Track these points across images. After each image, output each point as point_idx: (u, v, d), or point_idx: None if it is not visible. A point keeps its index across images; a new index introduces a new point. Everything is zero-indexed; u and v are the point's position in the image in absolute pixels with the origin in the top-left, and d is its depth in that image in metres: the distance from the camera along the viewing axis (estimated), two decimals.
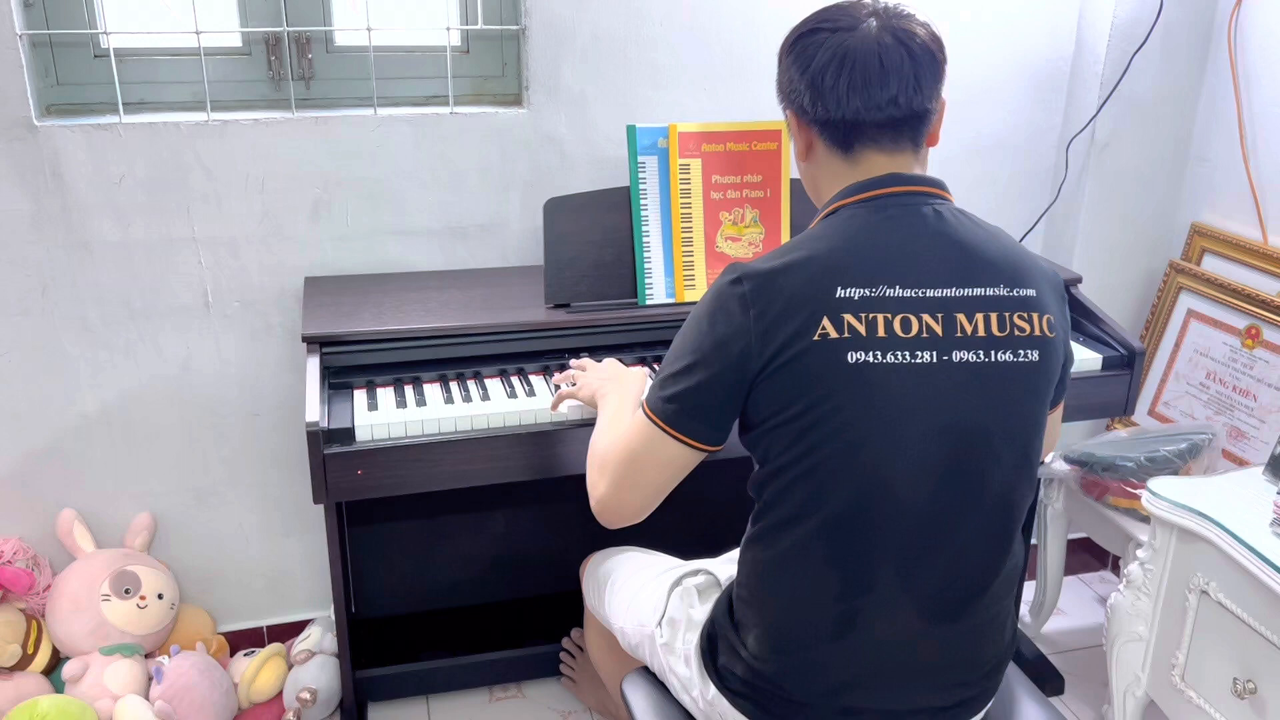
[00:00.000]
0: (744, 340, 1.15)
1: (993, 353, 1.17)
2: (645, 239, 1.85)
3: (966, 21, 2.15)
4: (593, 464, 1.33)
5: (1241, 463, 2.10)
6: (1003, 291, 1.19)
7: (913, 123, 1.20)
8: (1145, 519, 1.90)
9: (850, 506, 1.16)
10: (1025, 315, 1.19)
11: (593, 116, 2.02)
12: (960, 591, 1.22)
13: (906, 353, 1.14)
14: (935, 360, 1.15)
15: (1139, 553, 1.77)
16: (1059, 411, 1.40)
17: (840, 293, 1.14)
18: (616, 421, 1.37)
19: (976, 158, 2.27)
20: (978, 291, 1.18)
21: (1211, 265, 2.22)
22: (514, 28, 1.99)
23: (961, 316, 1.16)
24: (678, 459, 1.24)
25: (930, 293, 1.16)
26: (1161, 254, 2.35)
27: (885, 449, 1.15)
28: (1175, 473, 1.95)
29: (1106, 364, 1.89)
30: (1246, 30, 2.11)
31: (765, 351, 1.15)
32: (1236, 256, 2.16)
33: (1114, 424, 2.36)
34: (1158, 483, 1.71)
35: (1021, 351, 1.18)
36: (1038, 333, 1.19)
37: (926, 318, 1.15)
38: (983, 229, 1.23)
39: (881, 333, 1.14)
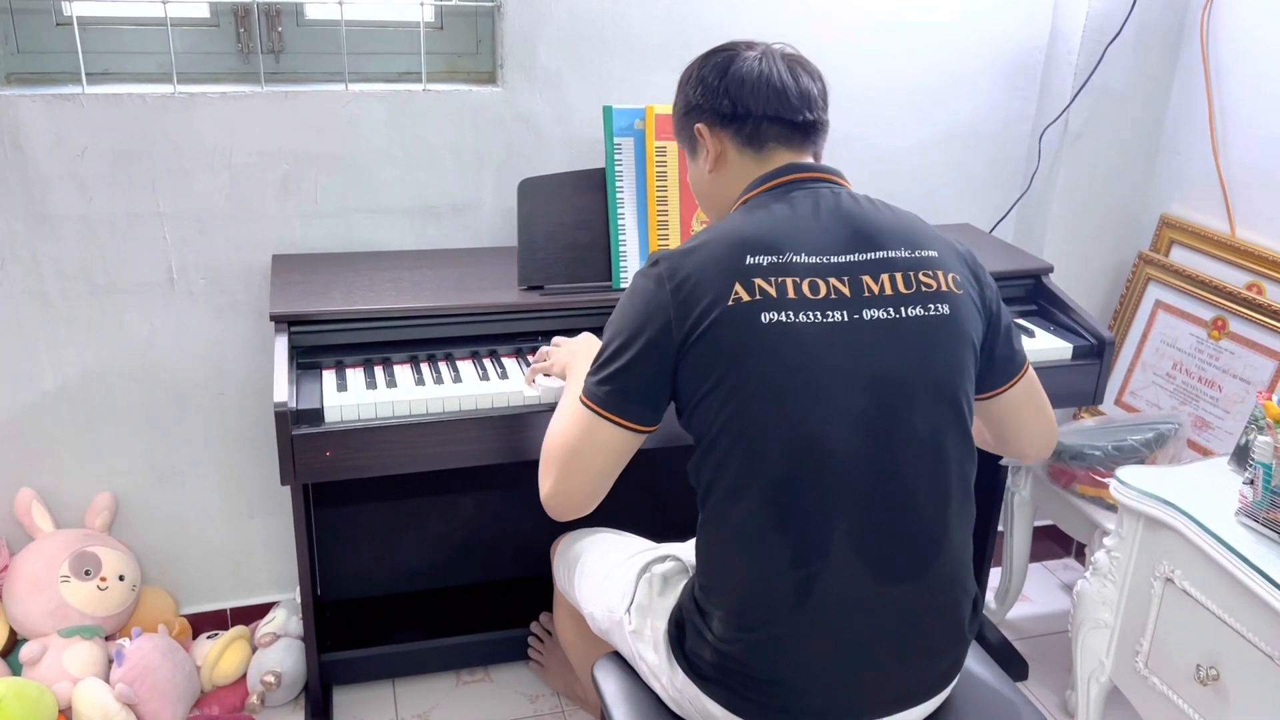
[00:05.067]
0: (664, 315, 1.21)
1: (903, 309, 1.23)
2: (620, 221, 1.84)
3: (943, 9, 2.15)
4: (542, 459, 1.35)
5: (1206, 453, 2.13)
6: (904, 253, 1.26)
7: (817, 130, 1.34)
8: (1111, 507, 1.92)
9: (787, 468, 1.19)
10: (930, 273, 1.25)
11: (568, 96, 2.00)
12: (912, 550, 1.23)
13: (817, 312, 1.20)
14: (847, 319, 1.21)
15: (1106, 540, 1.79)
16: (1023, 385, 1.39)
17: (750, 260, 1.21)
18: (563, 409, 1.38)
19: (949, 146, 2.27)
20: (880, 255, 1.25)
21: (1180, 257, 2.24)
22: (489, 4, 1.97)
23: (867, 278, 1.23)
24: (615, 442, 1.27)
25: (834, 259, 1.23)
26: (1131, 245, 2.37)
27: (810, 404, 1.18)
28: (1141, 462, 1.97)
29: (1076, 353, 1.90)
30: (1218, 25, 2.13)
31: (685, 323, 1.20)
32: (1204, 248, 2.18)
33: (1081, 413, 2.39)
34: (1126, 471, 1.72)
35: (931, 305, 1.24)
36: (944, 288, 1.25)
37: (834, 280, 1.22)
38: (883, 207, 1.32)
39: (791, 294, 1.20)
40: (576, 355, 1.55)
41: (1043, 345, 1.91)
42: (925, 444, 1.22)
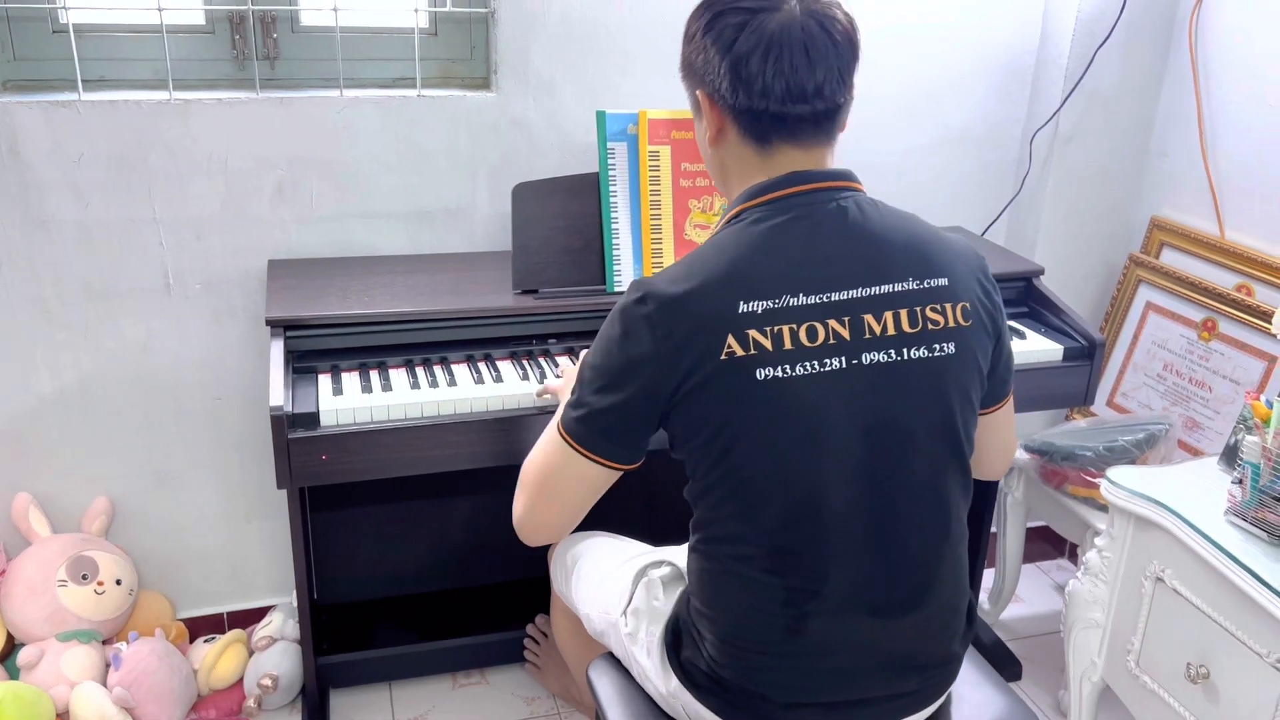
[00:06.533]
0: (652, 366, 1.14)
1: (905, 350, 1.16)
2: (614, 225, 1.85)
3: (934, 13, 2.16)
4: (519, 482, 1.34)
5: (1196, 453, 2.14)
6: (912, 285, 1.18)
7: (832, 116, 1.19)
8: (1103, 507, 1.93)
9: (782, 519, 1.16)
10: (937, 307, 1.18)
11: (562, 101, 2.01)
12: (908, 586, 1.22)
13: (814, 362, 1.14)
14: (845, 365, 1.14)
15: (1097, 540, 1.81)
16: (1006, 408, 1.37)
17: (743, 308, 1.13)
18: (543, 436, 1.35)
19: (941, 150, 2.28)
20: (886, 289, 1.17)
21: (1170, 259, 2.26)
22: (483, 10, 1.98)
23: (869, 318, 1.16)
24: (591, 477, 1.24)
25: (836, 296, 1.15)
26: (1121, 247, 2.38)
27: (807, 459, 1.15)
28: (1132, 462, 1.99)
29: (1067, 355, 1.92)
30: (1207, 28, 2.14)
31: (675, 376, 1.14)
32: (1194, 250, 2.20)
33: (1073, 414, 2.40)
34: (1117, 472, 1.74)
35: (936, 346, 1.18)
36: (951, 324, 1.19)
37: (833, 323, 1.15)
38: (892, 217, 1.22)
39: (788, 345, 1.13)
40: (568, 386, 1.54)
41: (1034, 347, 1.92)
42: (924, 487, 1.19)
